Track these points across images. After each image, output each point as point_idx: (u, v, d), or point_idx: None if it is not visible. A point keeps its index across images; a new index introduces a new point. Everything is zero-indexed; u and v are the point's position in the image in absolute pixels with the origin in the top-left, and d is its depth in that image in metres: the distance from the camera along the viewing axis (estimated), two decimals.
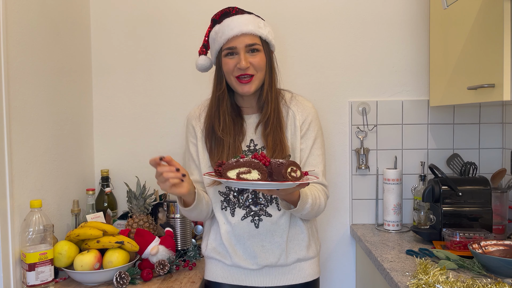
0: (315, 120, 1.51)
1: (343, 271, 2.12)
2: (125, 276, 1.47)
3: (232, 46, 1.40)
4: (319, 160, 1.49)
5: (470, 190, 1.72)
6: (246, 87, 1.42)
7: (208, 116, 1.49)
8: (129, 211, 1.84)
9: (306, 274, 1.51)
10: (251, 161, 1.16)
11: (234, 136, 1.45)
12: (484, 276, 1.36)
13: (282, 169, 1.15)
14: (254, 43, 1.41)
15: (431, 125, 2.07)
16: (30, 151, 1.55)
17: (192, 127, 1.53)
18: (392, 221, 1.95)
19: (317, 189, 1.44)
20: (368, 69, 2.08)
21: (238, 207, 1.46)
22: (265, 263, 1.46)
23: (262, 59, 1.43)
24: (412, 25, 2.06)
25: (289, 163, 1.17)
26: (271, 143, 1.42)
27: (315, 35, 2.08)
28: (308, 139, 1.49)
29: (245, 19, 1.42)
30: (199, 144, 1.50)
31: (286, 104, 1.51)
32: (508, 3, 1.38)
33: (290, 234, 1.47)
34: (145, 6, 2.08)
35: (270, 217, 1.45)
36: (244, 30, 1.39)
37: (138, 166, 2.09)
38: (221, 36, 1.41)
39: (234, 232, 1.46)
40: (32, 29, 1.58)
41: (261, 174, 1.16)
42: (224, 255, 1.49)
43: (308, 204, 1.36)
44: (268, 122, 1.44)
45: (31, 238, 1.43)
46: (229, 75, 1.43)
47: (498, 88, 1.42)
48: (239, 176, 1.15)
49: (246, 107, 1.51)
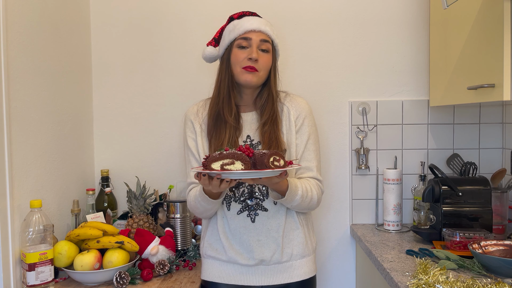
0: (309, 115, 1.56)
1: (343, 271, 2.12)
2: (125, 276, 1.48)
3: (248, 37, 1.47)
4: (313, 155, 1.54)
5: (470, 190, 1.72)
6: (249, 76, 1.47)
7: (214, 104, 1.52)
8: (129, 211, 1.84)
9: (302, 272, 1.52)
10: (234, 153, 1.21)
11: (235, 129, 1.49)
12: (484, 276, 1.36)
13: (265, 159, 1.20)
14: (267, 41, 1.49)
15: (431, 125, 2.07)
16: (30, 151, 1.55)
17: (191, 122, 1.56)
18: (392, 221, 1.95)
19: (309, 183, 1.48)
20: (368, 69, 2.08)
21: (234, 201, 1.48)
22: (260, 257, 1.47)
23: (269, 60, 1.50)
24: (412, 25, 2.06)
25: (272, 152, 1.22)
26: (267, 139, 1.47)
27: (315, 35, 2.08)
28: (303, 134, 1.53)
29: (263, 21, 1.52)
30: (198, 139, 1.53)
31: (281, 101, 1.56)
32: (508, 3, 1.38)
33: (286, 229, 1.49)
34: (145, 6, 2.08)
35: (266, 211, 1.47)
36: (262, 28, 1.49)
37: (138, 166, 2.09)
38: (239, 28, 1.49)
39: (230, 226, 1.48)
40: (32, 29, 1.58)
41: (244, 164, 1.21)
42: (220, 251, 1.50)
43: (298, 195, 1.41)
44: (267, 121, 1.49)
45: (31, 238, 1.43)
46: (236, 65, 1.48)
47: (498, 88, 1.42)
48: (223, 167, 1.20)
49: (243, 105, 1.55)
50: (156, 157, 2.10)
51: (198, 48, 2.03)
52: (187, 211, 1.82)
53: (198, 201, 1.43)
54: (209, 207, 1.44)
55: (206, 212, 1.47)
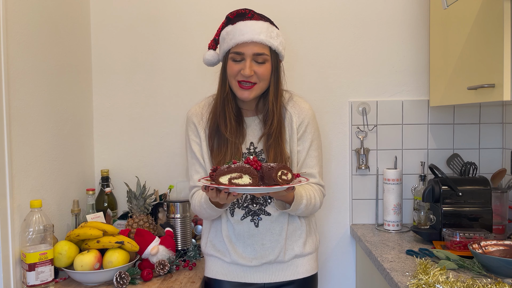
0: (312, 122, 1.52)
1: (343, 271, 2.12)
2: (125, 276, 1.47)
3: (240, 52, 1.40)
4: (315, 161, 1.52)
5: (470, 190, 1.72)
6: (245, 93, 1.43)
7: (213, 117, 1.50)
8: (129, 211, 1.84)
9: (304, 270, 1.53)
10: (242, 166, 1.21)
11: (237, 137, 1.47)
12: (484, 276, 1.36)
13: (273, 173, 1.20)
14: (262, 53, 1.41)
15: (431, 125, 2.07)
16: (30, 151, 1.55)
17: (194, 125, 1.53)
18: (392, 221, 1.95)
19: (313, 189, 1.48)
20: (368, 69, 2.08)
21: (238, 207, 1.48)
22: (264, 260, 1.48)
23: (267, 69, 1.43)
24: (412, 25, 2.06)
25: (280, 166, 1.21)
26: (273, 156, 1.44)
27: (315, 35, 2.08)
28: (305, 141, 1.51)
29: (259, 27, 1.40)
30: (203, 144, 1.51)
31: (284, 105, 1.51)
32: (508, 3, 1.38)
33: (289, 231, 1.50)
34: (145, 6, 2.07)
35: (269, 215, 1.47)
36: (255, 39, 1.39)
37: (138, 166, 2.09)
38: (231, 38, 1.41)
39: (235, 231, 1.48)
40: (32, 29, 1.58)
41: (252, 178, 1.20)
42: (224, 253, 1.51)
43: (303, 204, 1.42)
44: (271, 134, 1.46)
45: (31, 238, 1.43)
46: (232, 78, 1.44)
47: (498, 88, 1.42)
48: (231, 181, 1.19)
49: (246, 109, 1.53)
50: (156, 157, 2.10)
51: (198, 47, 2.03)
52: (187, 211, 1.81)
53: (203, 207, 1.43)
54: (214, 213, 1.44)
55: (211, 217, 1.49)
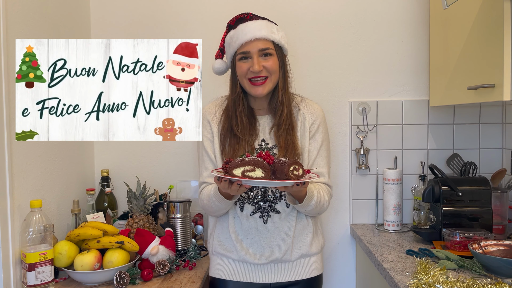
0: (323, 122, 1.58)
1: (343, 271, 2.12)
2: (125, 276, 1.48)
3: (246, 51, 1.46)
4: (325, 161, 1.56)
5: (470, 190, 1.72)
6: (259, 89, 1.47)
7: (226, 117, 1.54)
8: (129, 211, 1.84)
9: (310, 270, 1.55)
10: (255, 160, 1.24)
11: (250, 135, 1.51)
12: (484, 276, 1.36)
13: (285, 168, 1.23)
14: (267, 48, 1.47)
15: (431, 125, 2.07)
16: (30, 151, 1.55)
17: (208, 122, 1.56)
18: (392, 221, 1.95)
19: (322, 189, 1.51)
20: (368, 69, 2.08)
21: (248, 203, 1.50)
22: (271, 257, 1.49)
23: (275, 62, 1.48)
24: (412, 25, 2.06)
25: (292, 162, 1.25)
26: (284, 143, 1.48)
27: (315, 35, 2.08)
28: (316, 140, 1.55)
29: (258, 25, 1.48)
30: (215, 140, 1.54)
31: (297, 105, 1.57)
32: (508, 3, 1.38)
33: (297, 230, 1.52)
34: (145, 7, 2.07)
35: (279, 213, 1.49)
36: (257, 35, 1.45)
37: (138, 166, 2.09)
38: (236, 41, 1.48)
39: (243, 226, 1.50)
40: (32, 29, 1.58)
41: (264, 172, 1.24)
42: (231, 250, 1.52)
43: (313, 201, 1.44)
44: (281, 124, 1.51)
45: (31, 238, 1.43)
46: (242, 78, 1.49)
47: (498, 88, 1.42)
48: (244, 174, 1.23)
49: (258, 109, 1.56)
50: (156, 157, 2.10)
51: None
52: (187, 211, 1.82)
53: (212, 200, 1.45)
54: (222, 206, 1.46)
55: (219, 211, 1.49)
